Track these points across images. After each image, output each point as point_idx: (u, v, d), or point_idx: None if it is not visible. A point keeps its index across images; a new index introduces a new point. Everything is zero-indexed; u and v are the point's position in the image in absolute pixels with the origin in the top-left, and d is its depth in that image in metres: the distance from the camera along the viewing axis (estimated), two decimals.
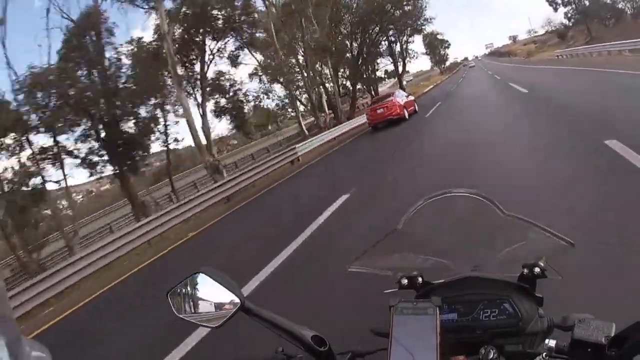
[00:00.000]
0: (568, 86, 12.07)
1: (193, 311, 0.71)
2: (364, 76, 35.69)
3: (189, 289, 0.70)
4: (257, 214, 8.54)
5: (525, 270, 0.68)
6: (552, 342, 0.65)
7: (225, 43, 21.37)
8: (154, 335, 3.77)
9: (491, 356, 0.63)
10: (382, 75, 44.97)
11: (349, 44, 31.10)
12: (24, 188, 16.10)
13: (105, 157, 17.22)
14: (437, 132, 10.68)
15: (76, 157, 16.84)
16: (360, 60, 31.79)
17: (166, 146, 20.09)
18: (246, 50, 23.21)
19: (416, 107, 17.58)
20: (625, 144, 4.02)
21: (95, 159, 17.16)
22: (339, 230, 4.84)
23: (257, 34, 23.57)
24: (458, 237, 0.79)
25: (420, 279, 0.73)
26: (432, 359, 0.58)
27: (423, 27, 37.96)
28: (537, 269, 0.67)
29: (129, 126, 18.18)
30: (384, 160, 8.91)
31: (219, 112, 22.53)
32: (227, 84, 22.32)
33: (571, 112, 7.00)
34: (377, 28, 31.03)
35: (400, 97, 16.37)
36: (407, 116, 15.90)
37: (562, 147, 5.00)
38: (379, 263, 0.80)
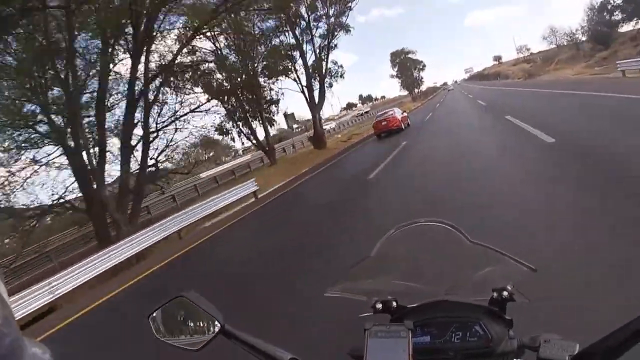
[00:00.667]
0: None
1: (174, 334, 0.74)
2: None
3: (169, 312, 0.74)
4: None
5: (495, 294, 0.74)
6: None
7: None
8: None
9: None
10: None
11: None
12: None
13: None
14: None
15: None
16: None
17: None
18: None
19: (409, 122, 22.53)
20: None
21: None
22: None
23: None
24: (430, 263, 0.83)
25: (394, 303, 0.79)
26: None
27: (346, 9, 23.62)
28: (505, 293, 0.72)
29: None
30: None
31: None
32: None
33: None
34: None
35: (398, 114, 21.84)
36: (403, 127, 21.04)
37: None
38: (355, 288, 0.86)
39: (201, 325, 0.74)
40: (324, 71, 24.73)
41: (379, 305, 0.80)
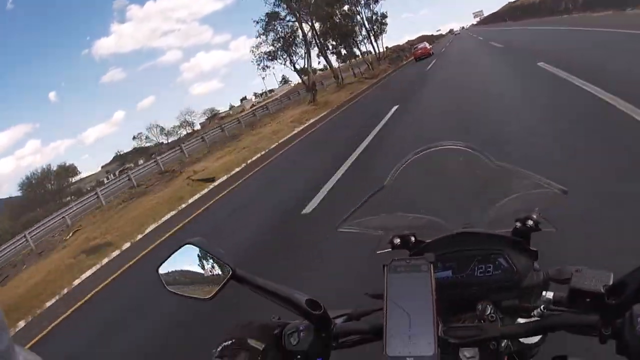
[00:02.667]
0: None
1: (184, 284, 0.73)
2: None
3: (178, 261, 0.73)
4: None
5: (519, 224, 0.72)
6: (549, 294, 0.70)
7: None
8: None
9: (488, 312, 0.69)
10: None
11: None
12: None
13: None
14: None
15: None
16: None
17: None
18: None
19: (432, 50, 40.38)
20: None
21: None
22: None
23: None
24: (449, 192, 0.80)
25: (413, 238, 0.77)
26: (428, 316, 0.62)
27: None
28: (530, 222, 0.71)
29: None
30: None
31: None
32: None
33: None
34: None
35: (428, 46, 40.10)
36: (432, 53, 37.55)
37: None
38: (370, 223, 0.85)
39: (211, 272, 0.73)
40: None
41: (397, 241, 0.78)
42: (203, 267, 0.73)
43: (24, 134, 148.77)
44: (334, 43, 41.10)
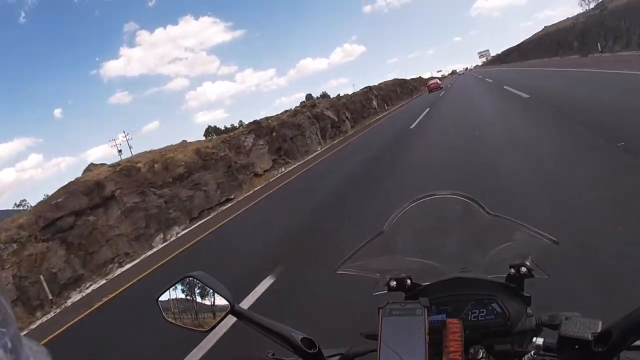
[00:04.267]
0: None
1: (182, 316, 0.75)
2: None
3: (178, 293, 0.76)
4: None
5: (512, 270, 0.75)
6: (539, 340, 0.71)
7: None
8: None
9: (480, 356, 0.71)
10: None
11: None
12: None
13: None
14: None
15: None
16: None
17: None
18: None
19: (442, 84, 50.85)
20: None
21: None
22: None
23: None
24: (445, 238, 0.83)
25: (408, 281, 0.79)
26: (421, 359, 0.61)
27: None
28: (523, 269, 0.74)
29: None
30: None
31: None
32: None
33: None
34: None
35: (439, 81, 54.16)
36: (442, 87, 47.38)
37: None
38: (368, 266, 0.86)
39: (210, 305, 0.75)
40: None
41: (393, 283, 0.81)
42: (202, 300, 0.75)
43: (26, 147, 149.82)
44: None
